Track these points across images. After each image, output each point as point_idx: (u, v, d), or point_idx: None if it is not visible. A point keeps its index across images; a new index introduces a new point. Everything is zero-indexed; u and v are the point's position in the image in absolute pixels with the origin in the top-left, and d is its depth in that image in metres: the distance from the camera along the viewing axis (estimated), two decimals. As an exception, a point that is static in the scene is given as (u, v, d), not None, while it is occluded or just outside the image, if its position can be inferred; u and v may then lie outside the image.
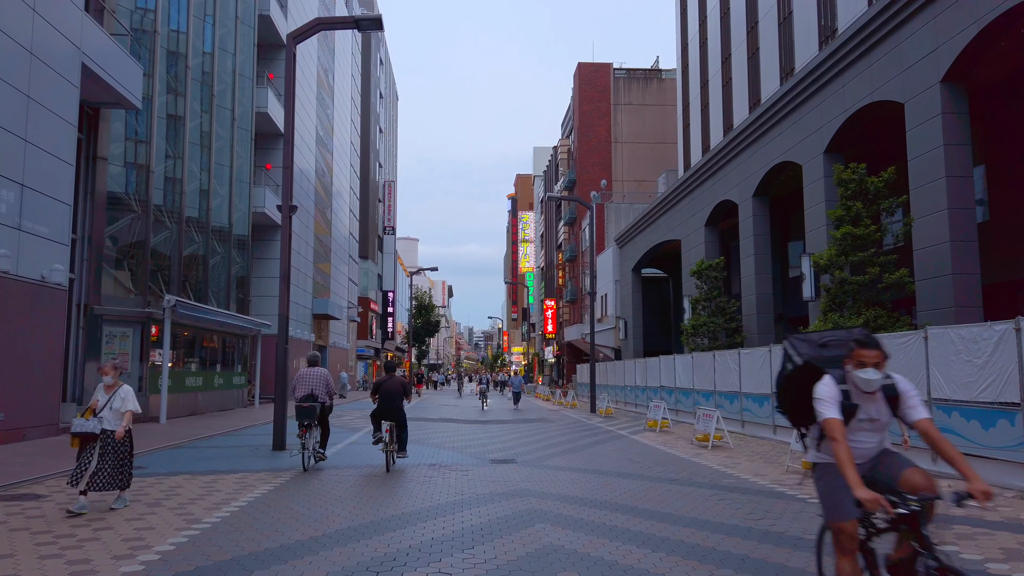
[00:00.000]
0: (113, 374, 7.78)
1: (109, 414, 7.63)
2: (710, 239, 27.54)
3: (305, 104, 36.28)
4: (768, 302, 22.78)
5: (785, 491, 9.10)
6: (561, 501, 8.37)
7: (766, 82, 28.62)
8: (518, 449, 14.31)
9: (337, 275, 46.03)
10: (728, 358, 17.98)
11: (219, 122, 25.01)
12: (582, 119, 56.29)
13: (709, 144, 35.59)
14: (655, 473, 10.81)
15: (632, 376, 27.92)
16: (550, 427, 20.08)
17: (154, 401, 18.55)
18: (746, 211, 23.43)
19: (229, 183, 25.61)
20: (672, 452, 13.69)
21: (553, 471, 11.08)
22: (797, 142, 20.06)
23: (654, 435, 17.20)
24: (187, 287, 22.75)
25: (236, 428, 18.05)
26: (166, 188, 21.29)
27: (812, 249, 18.82)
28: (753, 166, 22.94)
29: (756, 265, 22.79)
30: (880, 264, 13.71)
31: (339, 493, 8.79)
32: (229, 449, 13.62)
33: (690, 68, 38.97)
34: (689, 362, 21.00)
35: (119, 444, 7.61)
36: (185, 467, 11.04)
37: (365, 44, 59.36)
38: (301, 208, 35.73)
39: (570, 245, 58.36)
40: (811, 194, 19.11)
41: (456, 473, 10.79)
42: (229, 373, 25.58)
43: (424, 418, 23.07)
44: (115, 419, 7.64)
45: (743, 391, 17.00)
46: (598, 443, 15.54)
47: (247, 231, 27.26)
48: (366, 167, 59.63)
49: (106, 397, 7.72)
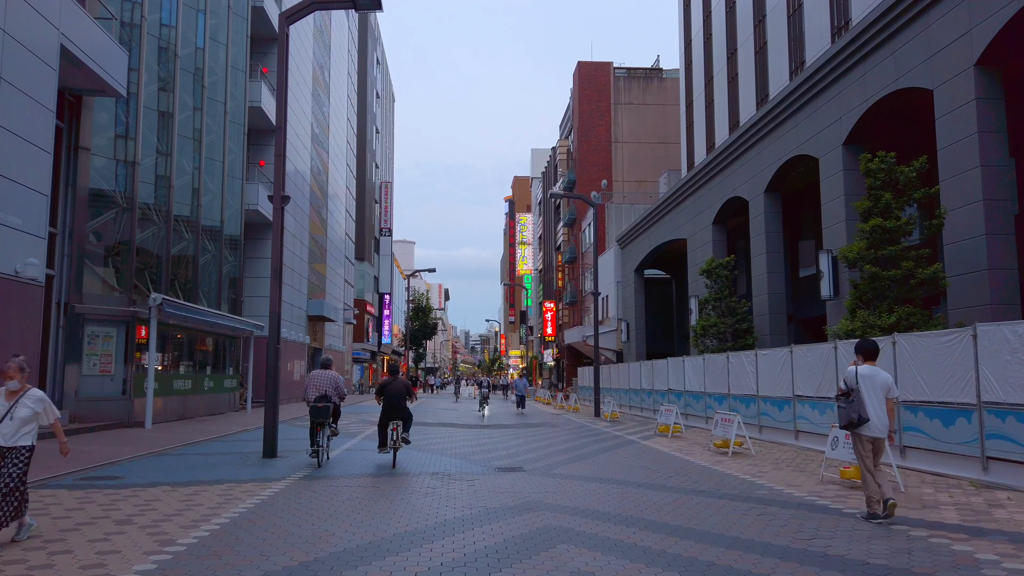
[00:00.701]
0: (19, 377, 6.20)
1: (10, 426, 6.05)
2: (718, 238, 26.71)
3: (300, 100, 35.40)
4: (781, 302, 21.94)
5: (828, 504, 8.23)
6: (581, 516, 7.49)
7: (775, 76, 27.83)
8: (524, 456, 13.43)
9: (333, 276, 45.11)
10: (744, 360, 17.12)
11: (210, 116, 24.11)
12: (582, 119, 55.50)
13: (714, 141, 34.80)
14: (678, 483, 9.93)
15: (638, 379, 27.06)
16: (555, 432, 19.19)
17: (139, 405, 17.61)
18: (757, 208, 22.60)
19: (221, 179, 24.70)
20: (690, 459, 12.82)
21: (565, 481, 10.20)
22: (813, 135, 19.24)
23: (667, 441, 16.32)
24: (176, 286, 21.83)
25: (226, 433, 17.13)
26: (154, 183, 20.36)
27: (830, 245, 17.99)
28: (764, 161, 22.12)
29: (768, 263, 21.95)
30: (913, 258, 12.86)
31: (334, 507, 7.90)
32: (216, 456, 12.70)
33: (693, 65, 38.20)
34: (700, 364, 20.14)
35: (10, 465, 6.03)
36: (165, 477, 10.12)
37: (361, 42, 58.54)
38: (296, 207, 34.81)
39: (570, 247, 57.52)
40: (829, 188, 18.29)
41: (461, 483, 9.90)
42: (220, 376, 24.64)
43: (423, 423, 22.17)
44: (17, 432, 6.09)
45: (760, 394, 16.14)
46: (608, 449, 14.66)
47: (239, 229, 26.35)
48: (362, 167, 58.75)
49: (6, 405, 6.12)
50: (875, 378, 7.20)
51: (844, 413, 7.25)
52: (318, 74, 40.23)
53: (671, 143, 54.34)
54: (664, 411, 17.80)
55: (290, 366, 34.03)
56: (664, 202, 33.04)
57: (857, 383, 7.22)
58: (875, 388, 7.17)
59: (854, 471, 9.30)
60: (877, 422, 7.13)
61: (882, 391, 7.18)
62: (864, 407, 7.10)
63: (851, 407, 7.17)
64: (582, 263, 53.42)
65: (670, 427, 17.17)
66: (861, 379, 7.22)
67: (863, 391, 7.15)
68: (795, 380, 14.42)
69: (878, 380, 7.20)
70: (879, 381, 7.19)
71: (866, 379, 7.20)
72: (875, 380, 7.19)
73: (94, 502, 8.06)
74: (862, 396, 7.13)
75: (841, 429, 7.99)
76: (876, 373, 7.25)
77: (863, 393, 7.15)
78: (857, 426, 7.15)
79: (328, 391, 11.66)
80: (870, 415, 7.10)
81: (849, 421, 7.19)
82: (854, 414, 7.13)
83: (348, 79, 51.07)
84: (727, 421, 13.65)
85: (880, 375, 7.25)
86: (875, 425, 7.13)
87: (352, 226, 53.86)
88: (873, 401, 7.14)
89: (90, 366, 17.17)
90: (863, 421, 7.09)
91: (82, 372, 16.97)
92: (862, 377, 7.23)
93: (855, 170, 17.68)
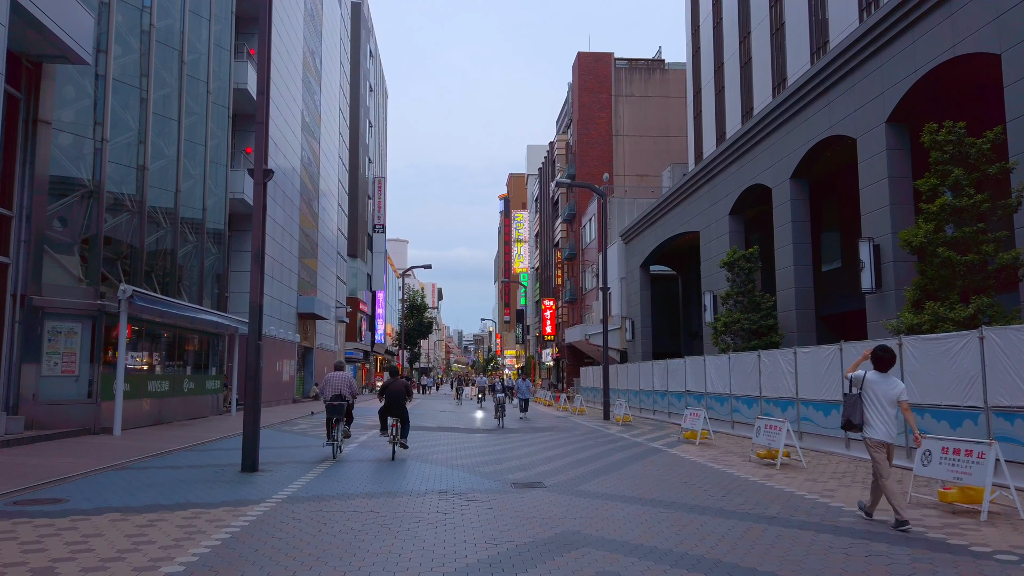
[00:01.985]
0: None
1: None
2: (735, 229, 25.09)
3: (290, 84, 33.59)
4: (808, 297, 20.33)
5: (944, 539, 6.57)
6: (639, 556, 5.80)
7: (794, 58, 26.25)
8: (541, 468, 11.75)
9: (324, 273, 43.29)
10: (779, 359, 15.48)
11: (192, 96, 22.31)
12: (582, 111, 53.84)
13: (725, 130, 33.21)
14: (736, 505, 8.26)
15: (649, 379, 25.39)
16: (567, 438, 17.52)
17: (107, 409, 15.81)
18: (782, 195, 20.98)
19: (203, 165, 22.89)
20: (733, 472, 11.15)
21: (598, 501, 8.54)
22: (848, 114, 17.62)
23: (695, 449, 14.65)
24: (153, 279, 20.03)
25: (204, 441, 15.37)
26: (126, 164, 18.55)
27: (872, 233, 16.37)
28: (790, 145, 20.49)
29: (795, 255, 20.33)
30: (992, 241, 11.22)
31: (322, 545, 6.18)
32: (188, 470, 10.95)
33: (702, 51, 36.62)
34: (725, 364, 18.49)
35: None
36: (119, 499, 8.38)
37: (355, 31, 56.71)
38: (285, 198, 33.01)
39: (569, 243, 55.84)
40: (870, 170, 16.67)
41: (476, 505, 8.22)
42: (202, 376, 22.84)
43: (421, 426, 20.45)
44: None
45: (801, 397, 14.49)
46: (634, 459, 12.99)
47: (224, 219, 24.54)
48: (355, 161, 56.91)
49: None
50: (883, 384, 7.18)
51: (843, 413, 7.46)
52: (309, 60, 38.42)
53: (673, 136, 52.76)
54: (690, 416, 16.13)
55: (279, 366, 32.23)
56: (673, 194, 31.40)
57: (861, 388, 7.29)
58: (883, 395, 7.15)
59: (958, 493, 7.66)
60: (880, 428, 7.12)
61: (892, 398, 7.15)
62: (857, 411, 7.24)
63: (846, 409, 7.39)
64: (583, 259, 51.76)
65: (697, 433, 15.51)
66: (868, 384, 7.26)
67: (865, 396, 7.23)
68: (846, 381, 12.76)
69: (886, 387, 7.17)
70: (887, 388, 7.16)
71: (872, 385, 7.22)
72: (883, 386, 7.17)
73: (16, 538, 6.32)
74: (860, 401, 7.25)
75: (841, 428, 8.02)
76: (885, 379, 7.22)
77: (864, 398, 7.23)
78: (854, 428, 7.31)
79: (343, 390, 12.82)
80: (869, 419, 7.16)
81: (846, 421, 7.40)
82: (843, 417, 7.40)
83: (341, 68, 49.24)
84: (774, 429, 11.99)
85: (890, 382, 7.22)
86: (878, 429, 7.12)
87: (345, 221, 52.02)
88: (877, 407, 7.15)
89: (51, 365, 15.36)
90: (852, 426, 7.29)
91: (41, 372, 15.16)
92: (868, 383, 7.26)
93: (900, 149, 16.09)
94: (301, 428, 19.98)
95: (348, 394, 12.83)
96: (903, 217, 15.84)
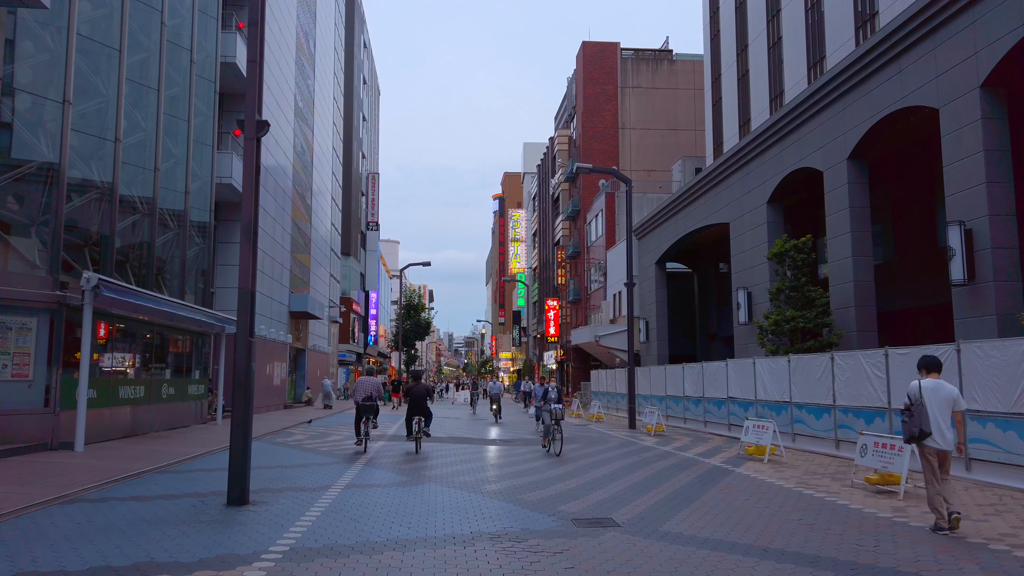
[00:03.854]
0: None
1: None
2: (774, 219, 22.84)
3: (282, 64, 31.12)
4: (868, 292, 18.09)
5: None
6: None
7: (835, 32, 24.08)
8: (596, 495, 9.48)
9: (317, 269, 40.76)
10: (863, 361, 13.21)
11: (173, 65, 19.86)
12: (587, 103, 51.58)
13: (749, 116, 31.04)
14: (902, 563, 5.95)
15: (679, 384, 23.10)
16: (602, 452, 15.21)
17: (67, 420, 13.33)
18: (837, 178, 18.75)
19: (186, 144, 20.43)
20: (849, 504, 8.85)
21: (705, 552, 6.32)
22: (928, 81, 15.41)
23: (769, 468, 12.36)
24: (128, 270, 17.56)
25: (184, 457, 12.94)
26: (95, 134, 16.08)
27: (961, 215, 14.15)
28: (848, 121, 18.28)
29: (854, 245, 18.09)
30: None
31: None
32: (158, 503, 8.55)
33: (722, 35, 34.44)
34: (782, 367, 16.21)
35: None
36: (53, 556, 5.98)
37: (349, 19, 54.28)
38: (277, 186, 30.53)
39: (572, 241, 53.53)
40: (957, 144, 14.45)
41: (548, 562, 5.89)
42: (184, 381, 20.36)
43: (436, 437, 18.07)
44: None
45: (895, 407, 12.23)
46: (703, 482, 10.69)
47: (209, 206, 22.07)
48: (349, 155, 54.43)
49: None
50: (939, 391, 7.25)
51: (907, 427, 7.31)
52: (302, 41, 35.97)
53: (682, 130, 50.64)
54: (754, 428, 13.82)
55: (269, 369, 29.72)
56: (695, 185, 29.14)
57: (921, 396, 7.25)
58: (940, 401, 7.21)
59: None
60: (941, 435, 7.12)
61: (947, 404, 7.22)
62: (927, 420, 7.13)
63: (913, 421, 7.22)
64: (588, 258, 49.48)
65: (766, 449, 13.21)
66: (925, 392, 7.25)
67: (927, 404, 7.19)
68: (966, 389, 10.53)
69: (942, 393, 7.25)
70: (943, 394, 7.25)
71: (930, 392, 7.24)
72: (939, 393, 7.24)
73: None
74: (926, 409, 7.17)
75: (905, 443, 8.01)
76: (940, 386, 7.30)
77: (927, 406, 7.18)
78: (919, 439, 7.18)
79: (372, 393, 15.07)
80: (932, 428, 7.11)
81: (911, 435, 7.25)
82: (915, 428, 7.19)
83: (335, 55, 46.79)
84: (887, 448, 9.70)
85: (944, 388, 7.30)
86: (939, 438, 7.12)
87: (339, 216, 49.52)
88: (937, 414, 7.16)
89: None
90: (925, 435, 7.13)
91: (-13, 376, 12.69)
92: (926, 390, 7.26)
93: (998, 119, 13.89)
94: (297, 440, 17.55)
95: (376, 396, 15.21)
96: (1002, 196, 13.64)
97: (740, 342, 24.61)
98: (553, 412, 14.34)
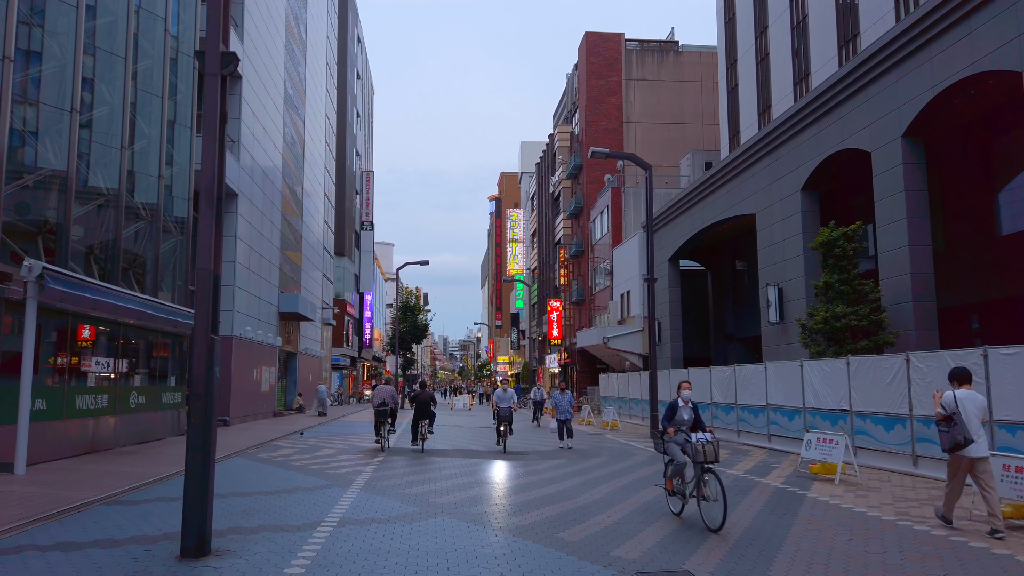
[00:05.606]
0: None
1: None
2: (809, 207, 20.85)
3: (269, 46, 29.00)
4: (928, 285, 16.11)
5: None
6: None
7: (869, 8, 22.16)
8: (651, 532, 7.37)
9: (309, 268, 38.58)
10: (950, 363, 11.18)
11: (146, 35, 17.77)
12: (590, 96, 49.58)
13: (770, 102, 29.12)
14: None
15: (705, 390, 21.05)
16: (632, 470, 13.16)
17: (6, 436, 11.17)
18: (889, 159, 16.77)
19: (159, 123, 18.32)
20: (989, 548, 6.82)
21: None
22: (1005, 42, 13.45)
23: (844, 492, 10.32)
24: (92, 263, 15.44)
25: (147, 480, 10.83)
26: (47, 102, 13.94)
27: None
28: (902, 95, 16.31)
29: (911, 233, 16.10)
30: None
31: None
32: (86, 554, 6.44)
33: (738, 19, 32.51)
34: (839, 371, 14.17)
35: None
36: None
37: (342, 9, 52.19)
38: (266, 179, 28.39)
39: (575, 239, 51.48)
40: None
41: None
42: (157, 388, 18.21)
43: (434, 450, 15.96)
44: None
45: (1000, 418, 10.22)
46: (776, 513, 8.65)
47: (188, 194, 19.95)
48: (342, 150, 52.30)
49: None
50: (974, 401, 7.46)
51: (948, 436, 7.39)
52: (292, 26, 33.86)
53: (688, 123, 48.77)
54: (819, 442, 11.77)
55: (256, 373, 27.54)
56: (713, 176, 27.15)
57: (957, 407, 7.34)
58: (975, 411, 7.38)
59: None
60: (983, 443, 7.33)
61: (981, 414, 7.43)
62: (969, 429, 7.21)
63: (955, 430, 7.30)
64: (592, 257, 47.45)
65: (837, 467, 11.17)
66: (961, 402, 7.36)
67: (966, 413, 7.29)
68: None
69: (977, 403, 7.46)
70: (978, 404, 7.47)
71: (965, 402, 7.39)
72: (974, 403, 7.44)
73: None
74: (965, 418, 7.26)
75: (945, 452, 7.72)
76: (973, 396, 7.50)
77: (966, 415, 7.28)
78: (964, 447, 7.25)
79: (387, 399, 16.68)
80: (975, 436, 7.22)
81: (955, 443, 7.29)
82: (959, 436, 7.26)
83: (328, 45, 44.69)
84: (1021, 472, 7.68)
85: (977, 398, 7.51)
86: (980, 446, 7.27)
87: (332, 214, 47.36)
88: (974, 424, 7.28)
89: (-79, 376, 10.75)
90: (969, 442, 7.22)
91: (-95, 386, 10.55)
92: (961, 400, 7.38)
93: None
94: (283, 455, 15.40)
95: (392, 403, 16.76)
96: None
97: (769, 343, 22.60)
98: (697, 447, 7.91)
